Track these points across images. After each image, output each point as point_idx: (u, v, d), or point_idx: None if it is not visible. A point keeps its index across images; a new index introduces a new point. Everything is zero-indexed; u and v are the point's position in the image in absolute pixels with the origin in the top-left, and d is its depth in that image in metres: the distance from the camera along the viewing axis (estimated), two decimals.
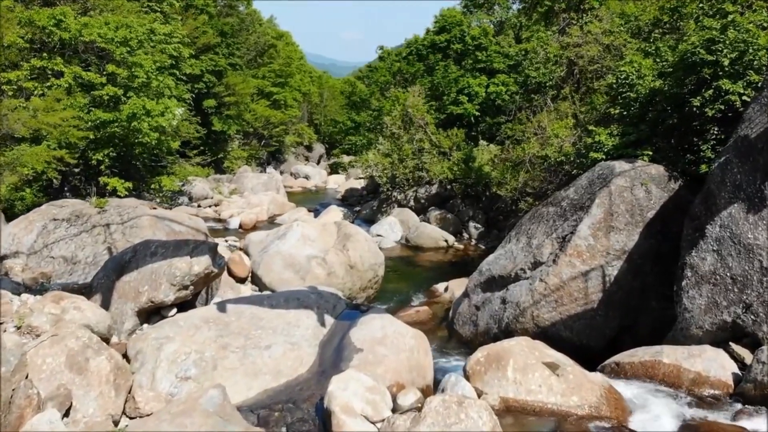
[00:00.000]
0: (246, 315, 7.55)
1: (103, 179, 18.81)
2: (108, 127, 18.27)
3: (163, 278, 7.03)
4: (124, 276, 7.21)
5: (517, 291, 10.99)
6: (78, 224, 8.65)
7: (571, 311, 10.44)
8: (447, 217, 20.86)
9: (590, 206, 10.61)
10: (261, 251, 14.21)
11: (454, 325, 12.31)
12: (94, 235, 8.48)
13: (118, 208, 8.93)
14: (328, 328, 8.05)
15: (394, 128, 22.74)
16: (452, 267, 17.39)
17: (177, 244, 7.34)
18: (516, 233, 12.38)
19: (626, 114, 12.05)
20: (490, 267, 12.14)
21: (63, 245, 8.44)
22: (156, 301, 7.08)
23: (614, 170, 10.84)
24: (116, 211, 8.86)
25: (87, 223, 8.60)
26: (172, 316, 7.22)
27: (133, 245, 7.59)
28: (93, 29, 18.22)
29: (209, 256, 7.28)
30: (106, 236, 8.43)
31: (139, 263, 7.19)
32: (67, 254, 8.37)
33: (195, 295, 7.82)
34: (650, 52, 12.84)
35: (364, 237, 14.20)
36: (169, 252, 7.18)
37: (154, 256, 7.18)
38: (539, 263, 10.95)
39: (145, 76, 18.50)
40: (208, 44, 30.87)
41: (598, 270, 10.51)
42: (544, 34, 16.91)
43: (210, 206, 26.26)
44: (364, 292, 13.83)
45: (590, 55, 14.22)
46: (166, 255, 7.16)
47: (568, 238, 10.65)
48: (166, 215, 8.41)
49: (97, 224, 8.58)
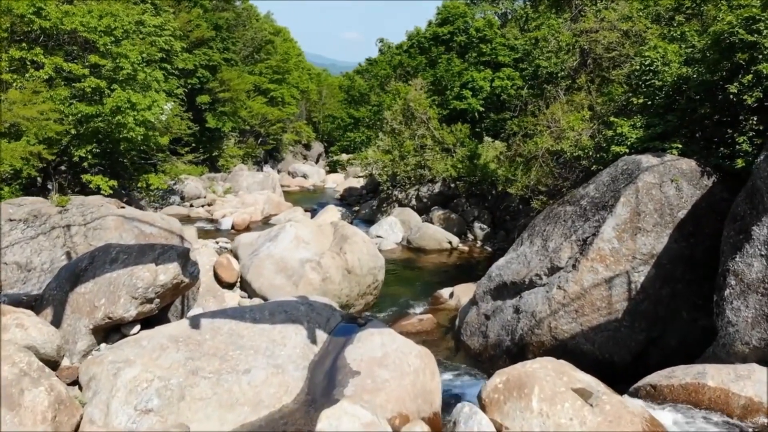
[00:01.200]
0: (223, 332, 6.46)
1: (86, 177, 17.73)
2: (91, 122, 17.17)
3: (122, 290, 5.94)
4: (78, 287, 6.14)
5: (532, 299, 9.92)
6: (35, 225, 7.53)
7: (593, 322, 9.40)
8: (451, 217, 19.75)
9: (614, 205, 9.53)
10: (251, 254, 13.11)
11: (462, 336, 11.24)
12: (53, 238, 7.38)
13: (81, 207, 7.79)
14: (320, 346, 6.95)
15: (394, 124, 21.63)
16: (457, 270, 16.28)
17: (141, 249, 6.26)
18: (529, 235, 11.30)
19: (650, 103, 10.96)
20: (500, 272, 11.06)
21: (17, 249, 7.34)
22: (114, 317, 5.99)
23: (641, 165, 9.77)
24: (79, 211, 7.72)
25: (45, 224, 7.49)
26: (134, 334, 6.14)
27: (90, 251, 6.50)
28: (75, 18, 17.13)
29: (178, 264, 6.19)
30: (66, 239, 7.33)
31: (97, 272, 6.11)
32: (21, 260, 7.26)
33: (166, 307, 6.73)
34: (675, 37, 11.75)
35: (362, 239, 13.10)
36: (131, 258, 6.11)
37: (114, 263, 6.10)
38: (557, 268, 9.87)
39: (130, 68, 17.38)
40: (201, 38, 29.77)
41: (623, 276, 9.45)
42: (555, 22, 15.81)
43: (203, 206, 25.15)
44: (363, 298, 12.74)
45: (607, 42, 13.12)
46: (128, 262, 6.08)
47: (589, 241, 9.58)
48: (135, 215, 7.34)
49: (56, 225, 7.47)
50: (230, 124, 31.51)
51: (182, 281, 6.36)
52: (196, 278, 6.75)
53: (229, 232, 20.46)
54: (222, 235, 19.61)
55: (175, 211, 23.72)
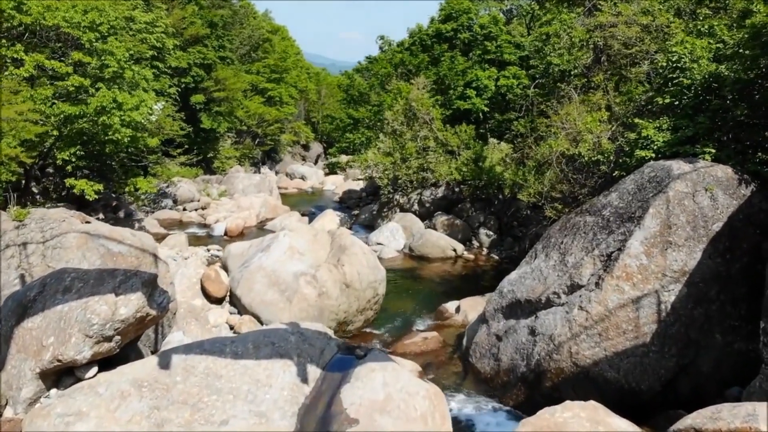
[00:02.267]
0: (198, 371, 5.49)
1: (69, 181, 16.76)
2: (75, 123, 16.20)
3: (74, 327, 4.99)
4: (25, 321, 5.18)
5: (550, 320, 8.96)
6: None
7: (618, 347, 8.48)
8: (455, 223, 18.77)
9: (642, 217, 8.58)
10: (241, 266, 12.15)
11: (470, 358, 10.29)
12: (6, 258, 6.40)
13: (40, 222, 6.79)
14: (312, 385, 5.98)
15: (395, 124, 20.63)
16: (462, 281, 15.32)
17: (99, 275, 5.30)
18: (544, 247, 10.34)
19: (677, 104, 9.99)
20: (513, 288, 10.10)
21: None
22: (64, 359, 5.04)
23: (671, 172, 8.81)
24: (38, 226, 6.73)
25: None
26: (90, 377, 5.19)
27: (42, 277, 5.54)
28: (58, 13, 16.15)
29: (143, 293, 5.24)
30: (21, 260, 6.35)
31: (47, 303, 5.16)
32: None
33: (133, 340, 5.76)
34: (702, 31, 10.77)
35: (361, 249, 12.13)
36: (87, 287, 5.15)
37: (68, 293, 5.15)
38: (577, 286, 8.92)
39: (117, 66, 16.40)
40: (196, 36, 28.80)
41: (652, 296, 8.51)
42: (567, 17, 14.84)
43: (196, 209, 24.19)
44: (363, 314, 11.78)
45: (626, 37, 12.15)
46: (84, 292, 5.13)
47: (614, 256, 8.63)
48: (101, 231, 6.37)
49: (11, 243, 6.50)
50: (226, 125, 30.53)
51: (147, 314, 5.40)
52: (164, 309, 5.78)
53: (221, 238, 19.50)
54: (214, 242, 18.66)
55: (167, 215, 22.78)
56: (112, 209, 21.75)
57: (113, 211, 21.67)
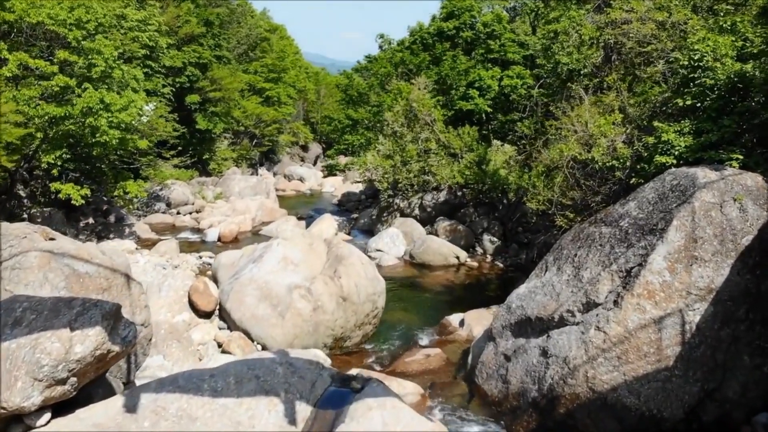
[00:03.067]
0: (170, 413, 4.78)
1: (54, 185, 16.05)
2: (60, 125, 15.49)
3: (21, 368, 4.29)
4: None
5: (564, 341, 8.25)
6: None
7: (639, 371, 7.77)
8: (458, 229, 18.04)
9: (665, 229, 7.87)
10: (231, 277, 11.45)
11: (476, 378, 9.59)
12: None
13: None
14: (300, 426, 5.27)
15: (396, 126, 19.89)
16: (466, 291, 14.60)
17: (55, 305, 4.59)
18: (555, 259, 9.63)
19: (699, 105, 9.28)
20: (522, 303, 9.39)
21: None
22: (9, 406, 4.32)
23: (696, 181, 8.10)
24: None
25: None
26: (43, 425, 4.48)
27: None
28: (42, 10, 15.44)
29: (103, 327, 4.52)
30: None
31: None
32: None
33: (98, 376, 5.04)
34: (725, 28, 10.07)
35: (359, 259, 11.42)
36: (40, 319, 4.45)
37: (17, 326, 4.44)
38: (594, 304, 8.21)
39: (104, 65, 15.68)
40: (191, 34, 28.07)
41: (676, 316, 7.81)
42: (576, 13, 14.12)
43: (190, 213, 23.46)
44: (361, 329, 11.07)
45: (641, 35, 11.44)
46: (35, 325, 4.43)
47: (634, 272, 7.92)
48: (66, 250, 5.66)
49: None
50: (222, 125, 29.80)
51: (109, 351, 4.68)
52: (130, 344, 5.06)
53: (214, 244, 18.77)
54: (207, 248, 17.94)
55: (160, 219, 22.07)
56: (102, 213, 21.03)
57: (104, 216, 20.96)
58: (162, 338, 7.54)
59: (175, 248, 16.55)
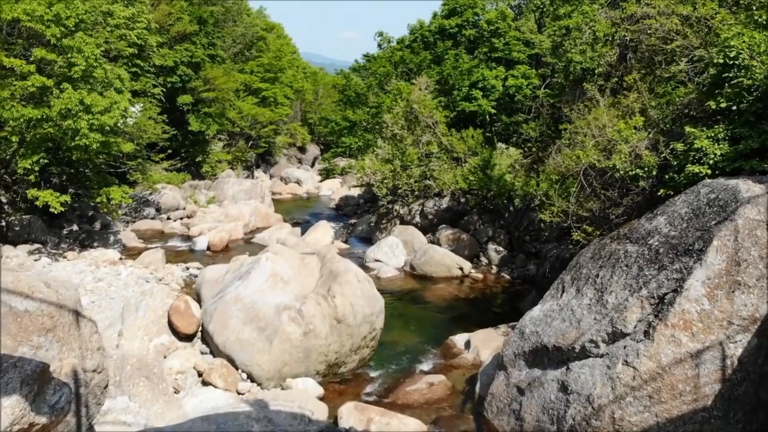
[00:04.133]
0: None
1: (31, 192, 15.06)
2: (37, 128, 14.51)
3: None
4: None
5: (587, 376, 7.28)
6: None
7: (674, 412, 6.83)
8: (461, 238, 17.03)
9: (704, 250, 6.89)
10: (216, 296, 10.46)
11: (485, 412, 8.61)
12: None
13: None
14: None
15: (395, 128, 18.89)
16: (471, 306, 13.61)
17: None
18: (573, 279, 8.67)
19: (734, 109, 8.30)
20: (537, 329, 8.42)
21: None
22: None
23: (738, 194, 7.13)
24: None
25: None
26: None
27: None
28: (19, 5, 14.46)
29: (21, 396, 3.52)
30: None
31: None
32: None
33: None
34: (759, 23, 9.10)
35: (355, 276, 10.43)
36: None
37: None
38: (621, 334, 7.23)
39: (84, 63, 14.69)
40: (183, 33, 27.06)
41: (716, 349, 6.84)
42: (589, 8, 13.16)
43: (181, 218, 22.44)
44: (357, 353, 10.08)
45: (665, 31, 10.46)
46: None
47: (668, 299, 6.94)
48: (4, 283, 4.73)
49: None
50: (215, 127, 28.79)
51: (32, 424, 3.69)
52: (61, 412, 4.07)
53: (204, 253, 17.76)
54: (195, 258, 16.94)
55: (148, 225, 21.08)
56: (87, 220, 20.04)
57: (89, 222, 19.97)
58: (128, 375, 6.56)
59: (161, 259, 15.57)
